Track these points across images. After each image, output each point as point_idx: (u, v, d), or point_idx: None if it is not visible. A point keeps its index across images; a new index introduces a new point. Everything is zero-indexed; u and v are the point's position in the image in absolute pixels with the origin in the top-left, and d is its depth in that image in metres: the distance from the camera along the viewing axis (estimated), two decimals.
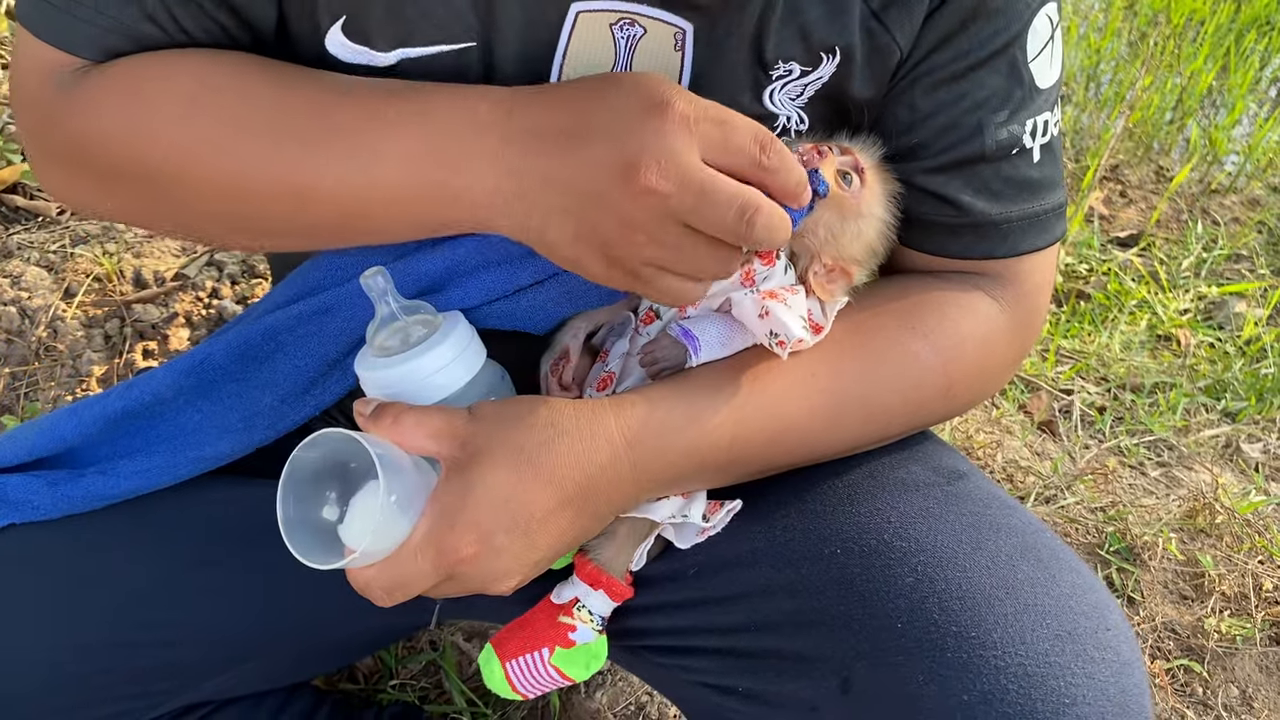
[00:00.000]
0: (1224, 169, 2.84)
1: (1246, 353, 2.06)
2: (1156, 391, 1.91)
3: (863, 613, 0.66)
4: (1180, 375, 1.95)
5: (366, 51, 0.69)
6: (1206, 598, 1.41)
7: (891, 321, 0.75)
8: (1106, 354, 1.98)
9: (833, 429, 0.73)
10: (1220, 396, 1.93)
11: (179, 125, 0.66)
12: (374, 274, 0.67)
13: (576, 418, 0.66)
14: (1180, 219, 2.56)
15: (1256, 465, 1.75)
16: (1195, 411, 1.88)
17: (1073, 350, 1.99)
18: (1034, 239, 0.79)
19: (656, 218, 0.60)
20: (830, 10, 0.71)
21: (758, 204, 0.60)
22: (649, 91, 0.61)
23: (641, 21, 0.69)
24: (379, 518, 0.59)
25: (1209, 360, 2.04)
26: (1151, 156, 2.84)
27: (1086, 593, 0.66)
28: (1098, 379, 1.93)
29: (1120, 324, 2.09)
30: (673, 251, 0.62)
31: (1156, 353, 2.06)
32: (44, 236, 1.55)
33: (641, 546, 0.77)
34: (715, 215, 0.60)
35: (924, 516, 0.70)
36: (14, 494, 0.73)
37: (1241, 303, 2.26)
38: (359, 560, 0.62)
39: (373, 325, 0.69)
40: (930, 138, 0.76)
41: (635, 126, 0.59)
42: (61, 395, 1.33)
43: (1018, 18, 0.74)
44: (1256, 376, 1.97)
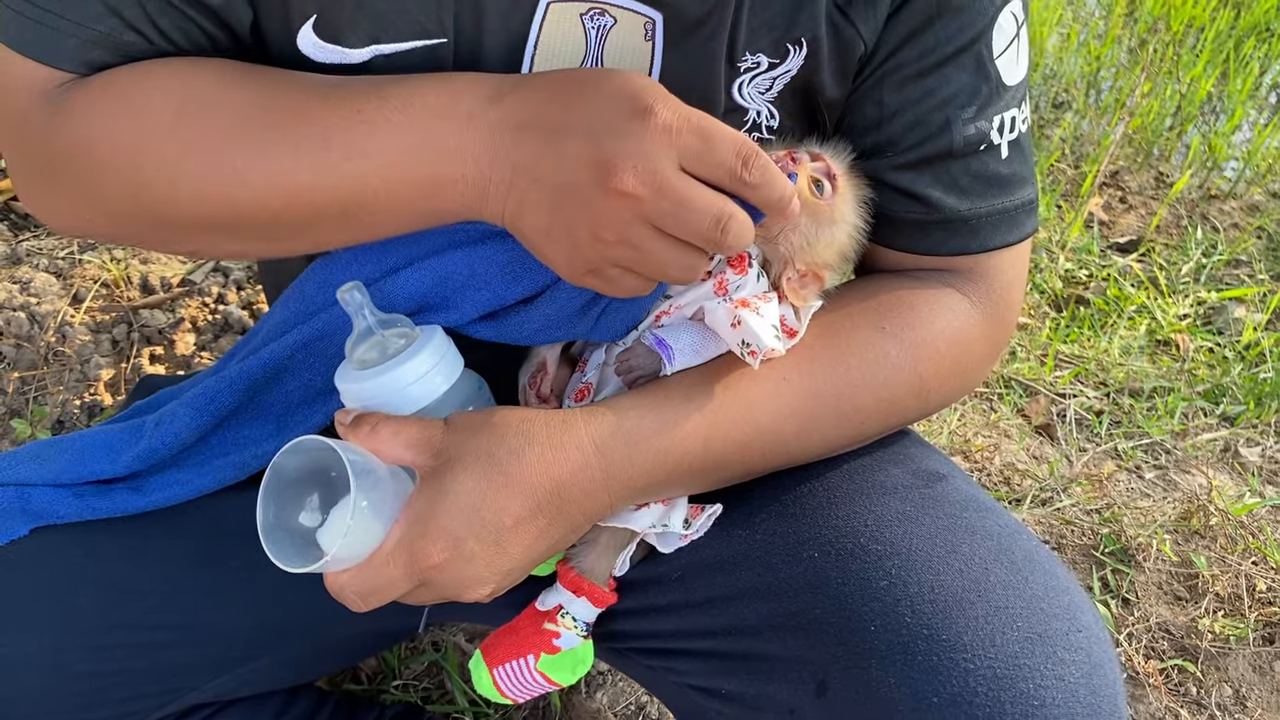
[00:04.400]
0: (1224, 174, 2.84)
1: (1246, 357, 2.07)
2: (1155, 396, 1.91)
3: (838, 616, 0.67)
4: (1179, 380, 1.96)
5: (338, 49, 0.70)
6: (1200, 598, 1.42)
7: (862, 322, 0.76)
8: (1106, 359, 1.99)
9: (807, 432, 0.74)
10: (1219, 401, 1.92)
11: (167, 134, 0.67)
12: (350, 289, 0.67)
13: (547, 427, 0.67)
14: (1180, 224, 2.56)
15: (1255, 469, 1.76)
16: (1193, 416, 1.88)
17: (1072, 355, 2.00)
18: (1004, 234, 0.80)
19: (627, 220, 0.61)
20: (795, 3, 0.72)
21: (732, 213, 0.61)
22: (634, 94, 0.61)
23: (611, 11, 0.70)
24: (350, 523, 0.60)
25: (1208, 365, 2.04)
26: (1151, 162, 2.84)
27: (1059, 594, 0.66)
28: (1097, 383, 1.93)
29: (1120, 329, 2.09)
30: (639, 254, 0.62)
31: (1155, 358, 2.06)
32: (52, 243, 1.56)
33: (624, 553, 0.78)
34: (691, 223, 0.61)
35: (900, 520, 0.70)
36: (39, 504, 0.74)
37: (1241, 308, 2.26)
38: (330, 565, 0.62)
39: (351, 339, 0.70)
40: (898, 134, 0.76)
41: (616, 128, 0.60)
42: (70, 399, 1.35)
43: (982, 14, 0.75)
44: (1255, 381, 1.97)
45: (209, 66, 0.69)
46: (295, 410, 0.77)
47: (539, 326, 0.74)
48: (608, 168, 0.59)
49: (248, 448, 0.77)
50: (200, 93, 0.67)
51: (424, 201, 0.66)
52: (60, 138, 0.69)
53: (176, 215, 0.70)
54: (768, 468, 0.76)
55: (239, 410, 0.77)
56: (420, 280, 0.73)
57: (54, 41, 0.68)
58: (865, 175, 0.77)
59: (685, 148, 0.60)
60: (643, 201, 0.60)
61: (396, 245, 0.74)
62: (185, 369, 1.43)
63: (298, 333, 0.75)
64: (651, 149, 0.59)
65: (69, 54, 0.68)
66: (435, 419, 0.67)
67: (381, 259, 0.74)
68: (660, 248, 0.62)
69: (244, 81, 0.68)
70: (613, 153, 0.59)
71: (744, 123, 0.76)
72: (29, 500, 0.74)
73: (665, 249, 0.62)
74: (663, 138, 0.60)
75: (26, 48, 0.68)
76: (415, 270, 0.73)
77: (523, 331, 0.75)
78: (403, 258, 0.74)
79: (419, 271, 0.73)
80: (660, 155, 0.59)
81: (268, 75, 0.69)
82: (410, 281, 0.73)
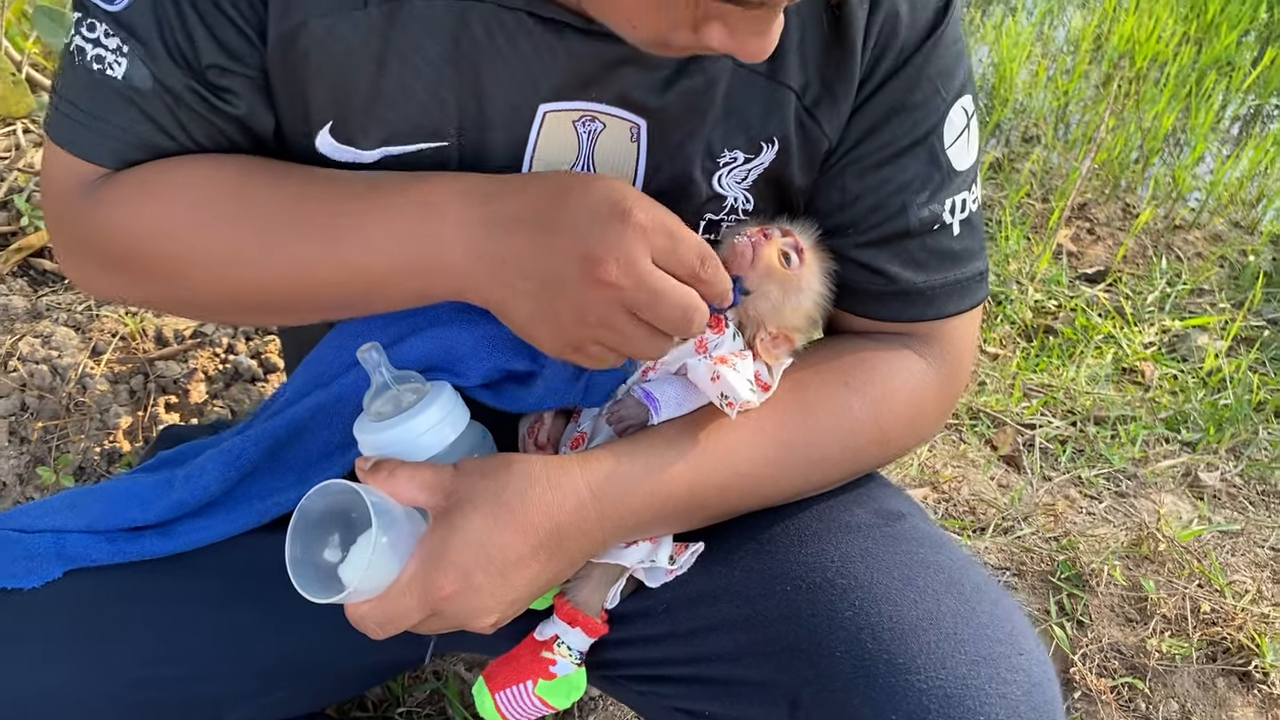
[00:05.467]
0: (1188, 205, 2.88)
1: (1208, 384, 2.11)
2: (1119, 424, 1.94)
3: (808, 644, 0.72)
4: (1141, 408, 2.00)
5: (352, 150, 0.77)
6: (1149, 620, 1.46)
7: (829, 379, 0.82)
8: (1074, 387, 2.03)
9: (780, 477, 0.80)
10: (1180, 428, 1.96)
11: (189, 225, 0.74)
12: (369, 349, 0.73)
13: (547, 471, 0.72)
14: (1146, 255, 2.60)
15: (1214, 492, 1.80)
16: (1155, 443, 1.91)
17: (1041, 384, 2.03)
18: (956, 303, 0.86)
19: (610, 306, 0.67)
20: (767, 107, 0.78)
21: (698, 305, 0.69)
22: (614, 197, 0.67)
23: (601, 118, 0.77)
24: (371, 557, 0.66)
25: (1171, 392, 2.08)
26: (1119, 194, 2.88)
27: (1003, 622, 0.72)
28: (1065, 411, 1.97)
29: (1087, 358, 2.13)
30: (617, 335, 0.69)
31: (1121, 386, 2.10)
32: (70, 298, 1.60)
33: (614, 587, 0.82)
34: (664, 312, 0.68)
35: (863, 556, 0.76)
36: (73, 549, 0.79)
37: (1204, 335, 2.30)
38: (353, 596, 0.67)
39: (369, 394, 0.75)
40: (860, 217, 0.83)
41: (600, 226, 0.66)
42: (91, 447, 1.38)
43: (935, 111, 0.81)
44: (1215, 407, 2.01)
45: (229, 162, 0.76)
46: (314, 464, 0.82)
47: (535, 399, 0.81)
48: (594, 260, 0.66)
49: (270, 497, 0.82)
50: (221, 186, 0.75)
51: (416, 283, 0.72)
52: (97, 224, 0.76)
53: (195, 295, 0.78)
54: (745, 508, 0.81)
55: (262, 464, 0.83)
56: (427, 347, 0.79)
57: (96, 142, 0.76)
58: (830, 251, 0.83)
59: (657, 246, 0.67)
60: (623, 291, 0.66)
61: (405, 317, 0.79)
62: (199, 416, 1.47)
63: (316, 396, 0.82)
64: (631, 246, 0.66)
65: (108, 153, 0.76)
66: (446, 465, 0.73)
67: (390, 328, 0.80)
68: (635, 331, 0.69)
69: (259, 176, 0.75)
70: (598, 248, 0.66)
71: (723, 207, 0.82)
72: (64, 545, 0.79)
73: (639, 331, 0.69)
74: (639, 235, 0.66)
75: (72, 146, 0.77)
76: (422, 338, 0.79)
77: (520, 402, 0.81)
78: (411, 327, 0.79)
79: (426, 339, 0.79)
80: (638, 251, 0.66)
81: (281, 170, 0.76)
82: (417, 348, 0.79)
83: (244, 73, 0.75)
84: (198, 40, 0.73)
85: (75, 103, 0.76)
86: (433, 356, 0.79)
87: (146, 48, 0.73)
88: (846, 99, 0.79)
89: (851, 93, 0.79)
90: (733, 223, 0.83)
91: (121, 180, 0.76)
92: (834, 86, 0.79)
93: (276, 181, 0.75)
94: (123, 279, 0.80)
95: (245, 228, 0.74)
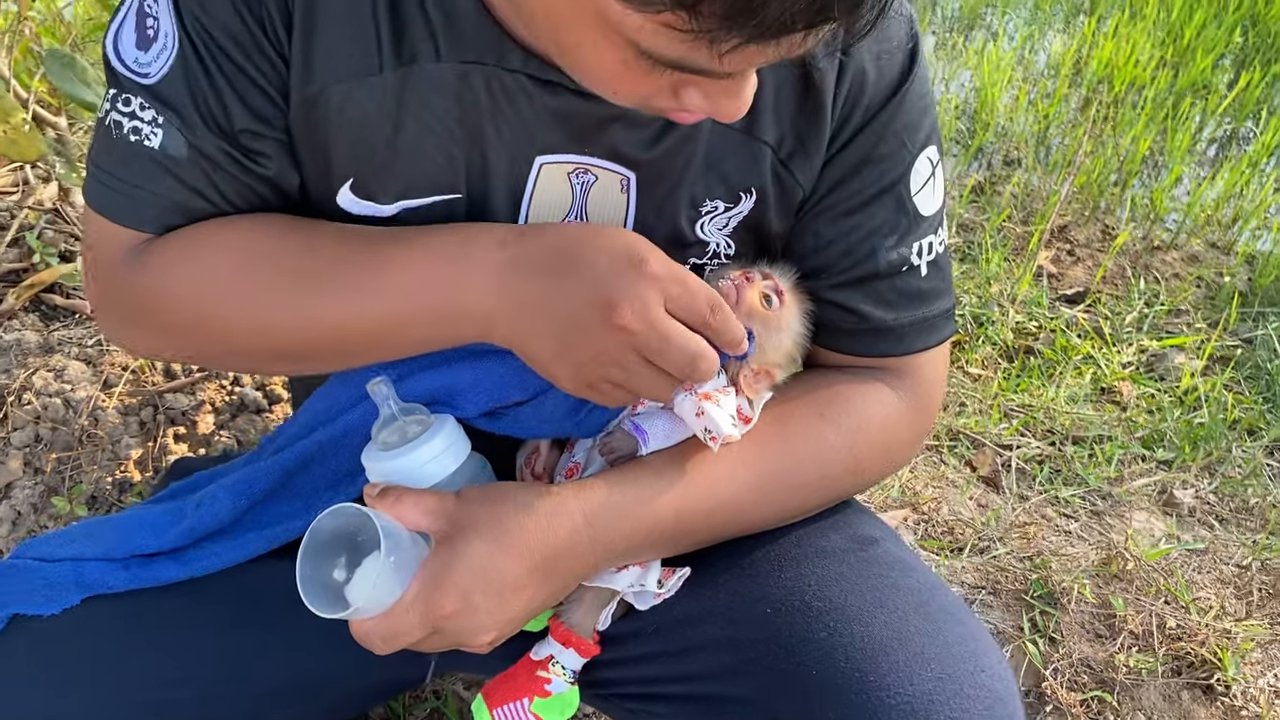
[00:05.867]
0: (1165, 227, 2.92)
1: (1184, 402, 2.15)
2: (1096, 443, 1.98)
3: (787, 663, 0.76)
4: (1117, 428, 2.04)
5: (372, 205, 0.82)
6: (1117, 636, 1.49)
7: (807, 411, 0.87)
8: (1053, 407, 2.06)
9: (761, 504, 0.84)
10: (1156, 446, 2.00)
11: (228, 284, 0.79)
12: (378, 383, 0.78)
13: (543, 499, 0.77)
14: (1125, 276, 2.63)
15: (1188, 509, 1.83)
16: (1131, 462, 1.95)
17: (1021, 404, 2.07)
18: (925, 339, 0.91)
19: (624, 349, 0.71)
20: (745, 161, 0.83)
21: (704, 353, 0.73)
22: (632, 248, 0.72)
23: (593, 170, 0.82)
24: (378, 576, 0.69)
25: (1148, 411, 2.12)
26: (1098, 216, 2.91)
27: (967, 641, 0.76)
28: (1044, 431, 2.00)
29: (1067, 378, 2.16)
30: (629, 375, 0.73)
31: (1100, 405, 2.13)
32: (81, 332, 1.64)
33: (606, 610, 0.86)
34: (673, 357, 0.72)
35: (838, 580, 0.80)
36: (91, 577, 0.82)
37: (1181, 355, 2.34)
38: (359, 613, 0.71)
39: (377, 424, 0.79)
40: (833, 260, 0.88)
41: (618, 274, 0.71)
42: (103, 477, 1.42)
43: (901, 162, 0.86)
44: (1191, 425, 2.05)
45: (262, 223, 0.81)
46: (321, 493, 0.87)
47: (532, 425, 0.85)
48: (611, 306, 0.70)
49: (279, 524, 0.86)
50: (255, 247, 0.79)
51: (438, 329, 0.77)
52: (139, 288, 0.81)
53: (232, 349, 0.83)
54: (729, 534, 0.85)
55: (272, 493, 0.87)
56: (430, 382, 0.84)
57: (136, 209, 0.80)
58: (807, 291, 0.88)
59: (671, 294, 0.72)
60: (637, 335, 0.71)
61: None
62: (206, 446, 1.51)
63: (324, 431, 0.86)
64: (646, 293, 0.71)
65: (149, 219, 0.81)
66: (449, 493, 0.77)
67: (397, 364, 0.84)
68: (645, 372, 0.73)
69: (290, 235, 0.80)
70: (616, 295, 0.70)
71: (706, 252, 0.87)
72: (83, 573, 0.82)
73: (648, 373, 0.73)
74: (654, 284, 0.71)
75: (114, 214, 0.81)
76: (426, 374, 0.84)
77: (518, 428, 0.86)
78: (416, 363, 0.84)
79: (429, 376, 0.84)
80: (652, 299, 0.71)
81: (310, 228, 0.81)
82: (421, 383, 0.84)
83: (273, 135, 0.80)
84: (230, 107, 0.77)
85: (114, 173, 0.80)
86: (435, 391, 0.84)
87: (182, 118, 0.77)
88: (818, 152, 0.84)
89: (823, 147, 0.84)
90: (715, 266, 0.88)
91: (164, 246, 0.80)
92: (807, 141, 0.84)
93: (310, 240, 0.79)
94: (167, 339, 0.84)
95: (281, 287, 0.78)
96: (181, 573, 0.84)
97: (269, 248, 0.80)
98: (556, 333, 0.73)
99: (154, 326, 0.84)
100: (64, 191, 1.89)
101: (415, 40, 0.78)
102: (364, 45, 0.77)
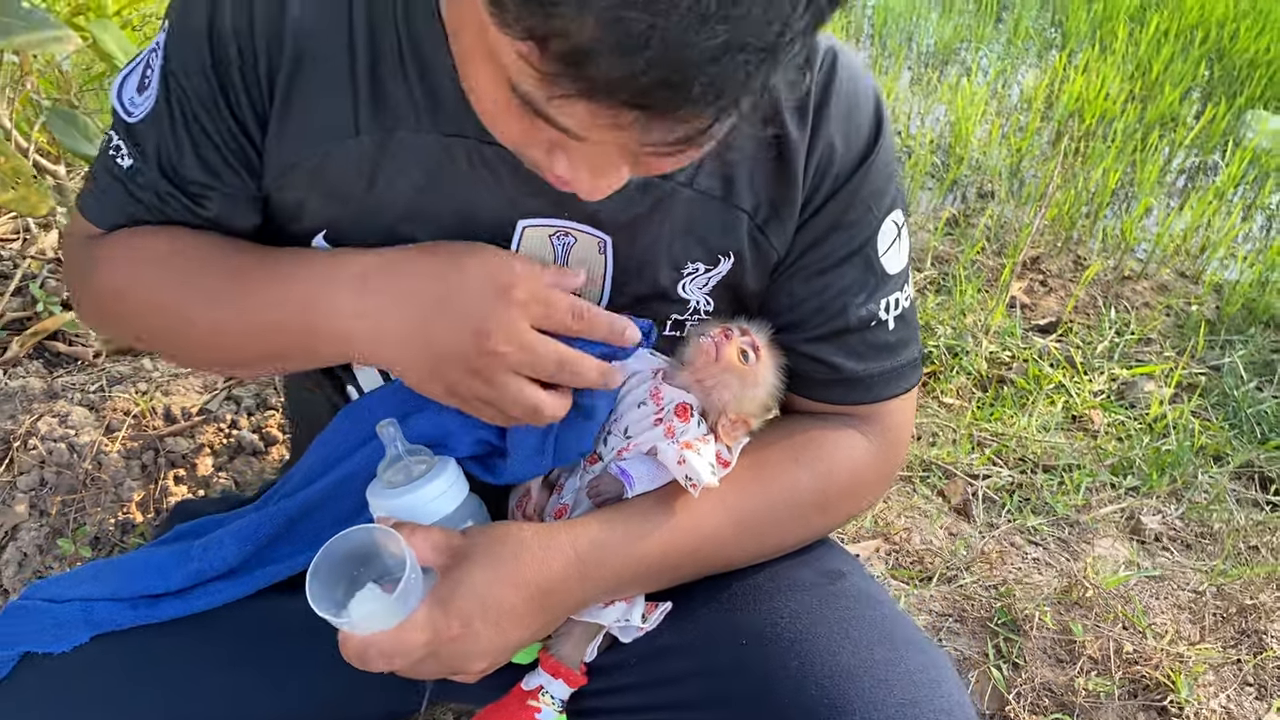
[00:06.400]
0: (1136, 257, 2.99)
1: (1154, 429, 2.19)
2: (1065, 471, 2.02)
3: (761, 691, 0.81)
4: (1088, 455, 2.08)
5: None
6: (1077, 660, 1.54)
7: (782, 456, 0.92)
8: (1025, 435, 2.10)
9: (739, 542, 0.90)
10: (1125, 473, 2.04)
11: (151, 280, 0.88)
12: (387, 425, 0.84)
13: (538, 537, 0.82)
14: (1096, 305, 2.68)
15: (1155, 534, 1.88)
16: (1100, 489, 1.99)
17: (994, 433, 2.10)
18: (892, 388, 0.97)
19: (495, 370, 0.78)
20: (724, 226, 0.89)
21: (572, 358, 0.80)
22: (496, 276, 0.78)
23: (573, 233, 0.86)
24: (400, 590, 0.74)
25: (1117, 438, 2.16)
26: (1070, 247, 2.97)
27: (928, 669, 0.82)
28: (1016, 459, 2.04)
29: (1039, 406, 2.21)
30: (499, 392, 0.79)
31: (1070, 433, 2.17)
32: (84, 379, 1.68)
33: (593, 643, 0.91)
34: (542, 366, 0.79)
35: (808, 612, 0.85)
36: (99, 616, 0.86)
37: (1150, 383, 2.38)
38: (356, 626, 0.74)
39: (383, 463, 0.85)
40: (806, 316, 0.93)
41: (487, 302, 0.77)
42: (106, 518, 1.46)
43: (869, 226, 0.92)
44: (1159, 452, 2.09)
45: (183, 235, 0.89)
46: (324, 535, 0.87)
47: (514, 470, 0.91)
48: (483, 335, 0.77)
49: (282, 561, 0.91)
50: (177, 255, 0.88)
51: (298, 343, 0.84)
52: (84, 270, 0.93)
53: (154, 340, 0.94)
54: (709, 571, 0.91)
55: (276, 537, 0.92)
56: (424, 425, 0.89)
57: (96, 209, 0.92)
58: (782, 345, 0.93)
59: (533, 312, 0.79)
60: (507, 356, 0.78)
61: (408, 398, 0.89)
62: (206, 487, 1.55)
63: (327, 478, 0.91)
64: (513, 317, 0.78)
65: (103, 220, 0.92)
66: (453, 529, 0.82)
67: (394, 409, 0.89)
68: (513, 386, 0.79)
69: (207, 250, 0.88)
70: (486, 323, 0.77)
71: (688, 309, 0.93)
72: (91, 612, 0.86)
73: (515, 386, 0.79)
74: (520, 308, 0.78)
75: (81, 207, 0.94)
76: (420, 417, 0.89)
77: (502, 475, 0.92)
78: (414, 406, 0.89)
79: (422, 419, 0.89)
80: (519, 321, 0.78)
81: (224, 244, 0.89)
82: (418, 425, 0.89)
83: (221, 189, 0.88)
84: (185, 158, 0.87)
85: (94, 177, 0.93)
86: (428, 433, 0.89)
87: (144, 158, 0.88)
88: (791, 218, 0.90)
89: (795, 213, 0.90)
90: (696, 322, 0.94)
91: (108, 240, 0.91)
92: (780, 209, 0.90)
93: (220, 255, 0.88)
94: (99, 316, 0.98)
95: (189, 290, 0.87)
96: (186, 609, 0.89)
97: (178, 255, 0.89)
98: (429, 358, 0.79)
99: (91, 303, 0.96)
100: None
101: (397, 109, 0.83)
102: (343, 110, 0.84)
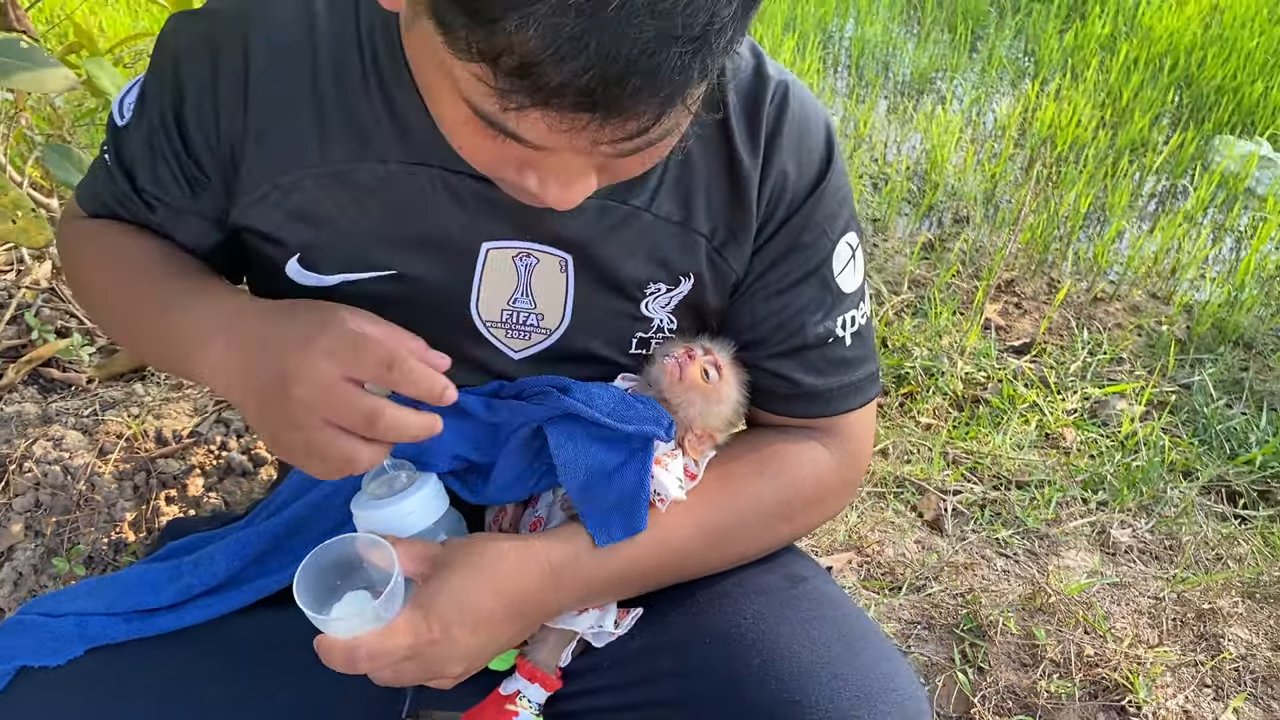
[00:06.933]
0: (1107, 279, 3.05)
1: (1125, 446, 2.24)
2: (1037, 488, 2.07)
3: (727, 689, 0.84)
4: (1057, 472, 2.13)
5: (316, 276, 0.91)
6: (1039, 664, 1.59)
7: (748, 470, 0.96)
8: (1000, 453, 2.16)
9: (707, 552, 0.93)
10: (1096, 488, 2.09)
11: (96, 268, 0.97)
12: None
13: (516, 548, 0.86)
14: (1069, 326, 2.74)
15: (1125, 548, 1.93)
16: (1070, 504, 2.04)
17: (969, 451, 2.16)
18: (851, 401, 1.01)
19: (306, 415, 0.75)
20: (683, 248, 0.93)
21: (379, 411, 0.75)
22: (311, 323, 0.77)
23: (535, 254, 0.90)
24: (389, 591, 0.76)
25: (1089, 455, 2.21)
26: (1043, 270, 3.03)
27: (882, 663, 0.85)
28: (991, 476, 2.09)
29: (1013, 425, 2.27)
30: (313, 440, 0.76)
31: (1044, 451, 2.22)
32: (78, 404, 1.72)
33: (567, 649, 0.93)
34: (350, 417, 0.75)
35: (771, 614, 0.88)
36: (94, 630, 0.88)
37: (1122, 401, 2.44)
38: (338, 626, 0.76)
39: (368, 476, 0.87)
40: (766, 335, 0.97)
41: (294, 349, 0.75)
42: (99, 538, 1.49)
43: (823, 248, 0.96)
44: (1129, 469, 2.15)
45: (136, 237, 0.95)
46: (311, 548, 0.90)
47: (492, 492, 0.94)
48: (289, 382, 0.75)
49: (270, 575, 0.94)
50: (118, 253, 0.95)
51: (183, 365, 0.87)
52: (67, 248, 1.03)
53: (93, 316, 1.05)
54: (679, 579, 0.94)
55: (264, 553, 0.95)
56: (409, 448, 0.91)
57: (85, 192, 1.00)
58: (745, 362, 0.97)
59: (343, 359, 0.75)
60: (314, 405, 0.75)
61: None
62: (196, 507, 1.58)
63: (313, 495, 0.95)
64: (319, 365, 0.74)
65: (87, 202, 1.00)
66: (433, 541, 0.85)
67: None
68: (333, 436, 0.76)
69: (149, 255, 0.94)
70: (293, 371, 0.75)
71: (651, 327, 0.96)
72: (86, 627, 0.88)
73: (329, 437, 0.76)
74: (326, 356, 0.75)
75: (78, 193, 1.02)
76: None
77: (481, 496, 0.95)
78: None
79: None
80: (325, 370, 0.74)
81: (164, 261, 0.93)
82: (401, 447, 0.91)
83: (169, 201, 0.94)
84: (141, 168, 0.94)
85: (92, 166, 1.01)
86: (409, 448, 0.92)
87: (119, 161, 0.95)
88: (747, 242, 0.95)
89: (751, 237, 0.95)
90: (660, 340, 0.99)
91: (86, 223, 0.99)
92: (736, 233, 0.94)
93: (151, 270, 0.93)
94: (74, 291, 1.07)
95: (122, 286, 0.93)
96: (178, 622, 0.91)
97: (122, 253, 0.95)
98: (255, 401, 0.78)
99: (66, 270, 1.06)
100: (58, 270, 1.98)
101: (365, 137, 0.88)
102: (310, 140, 0.88)
